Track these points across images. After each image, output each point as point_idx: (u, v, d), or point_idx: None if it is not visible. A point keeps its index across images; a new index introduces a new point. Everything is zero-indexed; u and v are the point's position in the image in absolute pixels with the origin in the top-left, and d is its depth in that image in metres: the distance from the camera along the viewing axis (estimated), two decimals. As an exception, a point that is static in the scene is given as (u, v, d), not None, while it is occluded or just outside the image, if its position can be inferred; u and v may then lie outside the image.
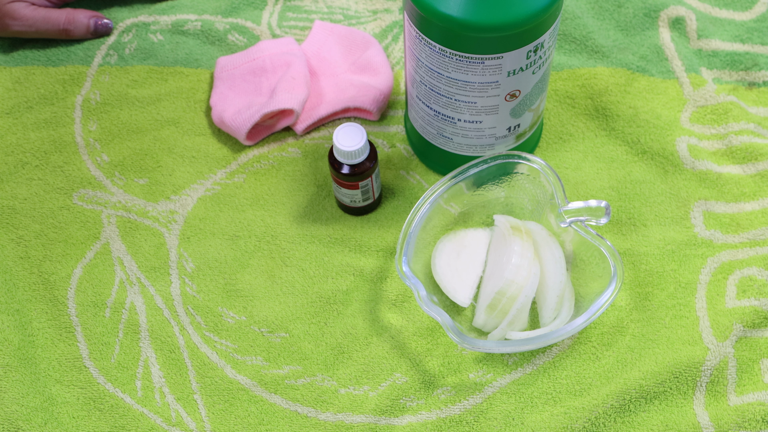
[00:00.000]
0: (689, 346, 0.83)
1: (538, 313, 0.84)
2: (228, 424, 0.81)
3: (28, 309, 0.86)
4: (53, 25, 0.97)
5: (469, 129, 0.85)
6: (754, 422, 0.80)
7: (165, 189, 0.93)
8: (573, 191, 0.92)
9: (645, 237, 0.89)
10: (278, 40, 0.99)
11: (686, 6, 1.01)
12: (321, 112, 0.95)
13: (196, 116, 0.97)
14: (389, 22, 1.02)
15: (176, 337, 0.85)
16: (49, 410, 0.82)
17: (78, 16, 0.97)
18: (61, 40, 1.00)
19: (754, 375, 0.82)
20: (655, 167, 0.92)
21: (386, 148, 0.95)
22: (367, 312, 0.86)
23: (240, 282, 0.88)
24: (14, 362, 0.84)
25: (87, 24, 0.98)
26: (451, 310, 0.85)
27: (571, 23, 1.00)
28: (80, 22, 0.97)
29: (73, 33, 0.98)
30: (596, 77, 0.97)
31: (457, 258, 0.86)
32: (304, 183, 0.93)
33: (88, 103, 0.97)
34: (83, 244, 0.90)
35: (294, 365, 0.84)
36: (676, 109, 0.96)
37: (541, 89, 0.83)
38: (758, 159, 0.92)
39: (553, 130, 0.95)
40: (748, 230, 0.89)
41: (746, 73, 0.98)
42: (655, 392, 0.81)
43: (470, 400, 0.82)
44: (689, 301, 0.86)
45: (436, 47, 0.77)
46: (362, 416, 0.81)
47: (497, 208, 0.88)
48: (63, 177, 0.93)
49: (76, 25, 0.97)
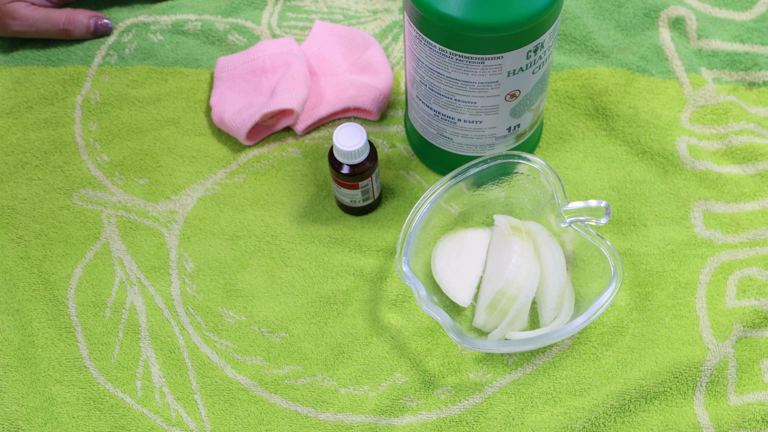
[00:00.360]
0: (689, 346, 0.83)
1: (538, 313, 0.84)
2: (228, 424, 0.81)
3: (28, 309, 0.86)
4: (53, 25, 0.97)
5: (469, 129, 0.85)
6: (754, 422, 0.80)
7: (165, 189, 0.93)
8: (573, 191, 0.92)
9: (645, 237, 0.89)
10: (278, 40, 0.99)
11: (686, 6, 1.01)
12: (321, 112, 0.95)
13: (196, 116, 0.97)
14: (389, 22, 1.02)
15: (176, 337, 0.85)
16: (49, 410, 0.82)
17: (78, 16, 0.97)
18: (61, 40, 1.00)
19: (754, 375, 0.82)
20: (655, 167, 0.92)
21: (386, 148, 0.95)
22: (367, 312, 0.86)
23: (240, 282, 0.88)
24: (14, 362, 0.84)
25: (87, 24, 0.98)
26: (451, 310, 0.85)
27: (571, 23, 1.00)
28: (80, 22, 0.97)
29: (73, 33, 0.98)
30: (596, 77, 0.97)
31: (457, 258, 0.86)
32: (304, 183, 0.93)
33: (88, 103, 0.97)
34: (83, 244, 0.90)
35: (294, 365, 0.84)
36: (676, 109, 0.96)
37: (541, 89, 0.83)
38: (758, 159, 0.92)
39: (553, 130, 0.95)
40: (748, 230, 0.89)
41: (746, 73, 0.98)
42: (655, 392, 0.81)
43: (470, 400, 0.82)
44: (689, 301, 0.86)
45: (436, 47, 0.77)
46: (362, 416, 0.81)
47: (497, 208, 0.88)
48: (63, 177, 0.93)
49: (76, 25, 0.97)
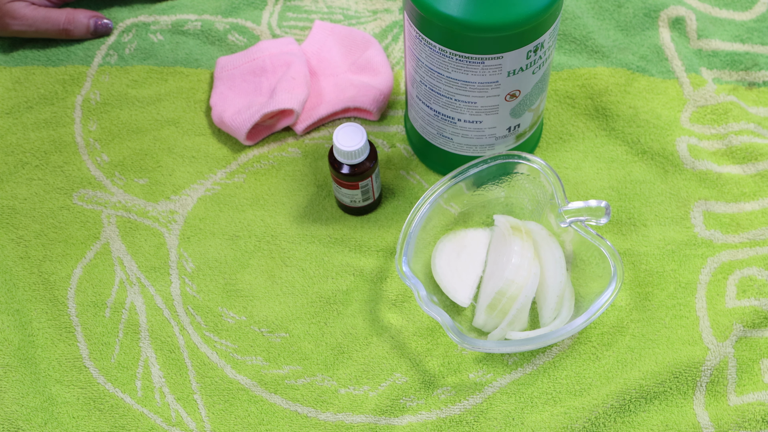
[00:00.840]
0: (689, 346, 0.83)
1: (538, 313, 0.84)
2: (228, 424, 0.81)
3: (28, 309, 0.86)
4: (53, 25, 0.97)
5: (469, 129, 0.85)
6: (754, 422, 0.80)
7: (165, 189, 0.93)
8: (573, 191, 0.92)
9: (645, 237, 0.89)
10: (278, 40, 0.99)
11: (686, 6, 1.01)
12: (321, 112, 0.95)
13: (196, 116, 0.97)
14: (389, 22, 1.02)
15: (176, 337, 0.85)
16: (49, 410, 0.82)
17: (78, 16, 0.97)
18: (61, 40, 1.00)
19: (754, 375, 0.82)
20: (655, 167, 0.92)
21: (386, 148, 0.95)
22: (367, 312, 0.86)
23: (240, 282, 0.88)
24: (14, 362, 0.84)
25: (87, 24, 0.98)
26: (451, 310, 0.85)
27: (571, 23, 1.00)
28: (80, 22, 0.97)
29: (73, 33, 0.98)
30: (596, 77, 0.97)
31: (457, 258, 0.86)
32: (304, 183, 0.92)
33: (88, 103, 0.97)
34: (83, 244, 0.90)
35: (294, 365, 0.84)
36: (676, 109, 0.96)
37: (541, 89, 0.83)
38: (758, 159, 0.92)
39: (553, 130, 0.95)
40: (748, 230, 0.89)
41: (746, 73, 0.98)
42: (655, 392, 0.81)
43: (470, 400, 0.82)
44: (689, 301, 0.86)
45: (436, 47, 0.77)
46: (362, 416, 0.81)
47: (497, 208, 0.88)
48: (63, 177, 0.93)
49: (76, 24, 0.97)
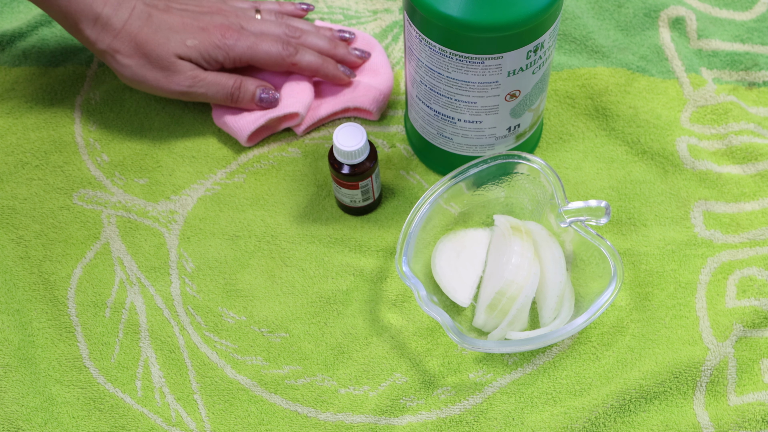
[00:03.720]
0: (689, 346, 0.83)
1: (538, 313, 0.84)
2: (228, 424, 0.81)
3: (28, 309, 0.86)
4: (222, 88, 0.92)
5: (469, 129, 0.85)
6: (754, 422, 0.80)
7: (165, 189, 0.93)
8: (573, 191, 0.92)
9: (645, 237, 0.89)
10: (278, 40, 0.98)
11: (686, 6, 1.01)
12: (321, 112, 0.95)
13: (196, 116, 0.97)
14: (389, 22, 1.02)
15: (176, 337, 0.85)
16: (49, 410, 0.82)
17: (247, 84, 0.93)
18: (61, 39, 1.00)
19: (754, 375, 0.82)
20: (655, 167, 0.92)
21: (386, 148, 0.95)
22: (367, 312, 0.86)
23: (240, 282, 0.88)
24: (14, 362, 0.84)
25: (254, 92, 0.93)
26: (451, 310, 0.85)
27: (571, 23, 1.00)
28: (248, 89, 0.93)
29: (240, 100, 0.93)
30: (596, 77, 0.97)
31: (457, 258, 0.86)
32: (304, 183, 0.92)
33: (88, 103, 0.97)
34: (83, 244, 0.90)
35: (294, 365, 0.84)
36: (676, 109, 0.96)
37: (541, 89, 0.83)
38: (758, 159, 0.92)
39: (553, 130, 0.95)
40: (748, 230, 0.89)
41: (746, 73, 0.98)
42: (655, 392, 0.81)
43: (470, 400, 0.82)
44: (689, 301, 0.86)
45: (436, 47, 0.77)
46: (362, 416, 0.81)
47: (497, 208, 0.88)
48: (63, 177, 0.93)
49: (243, 91, 0.92)
